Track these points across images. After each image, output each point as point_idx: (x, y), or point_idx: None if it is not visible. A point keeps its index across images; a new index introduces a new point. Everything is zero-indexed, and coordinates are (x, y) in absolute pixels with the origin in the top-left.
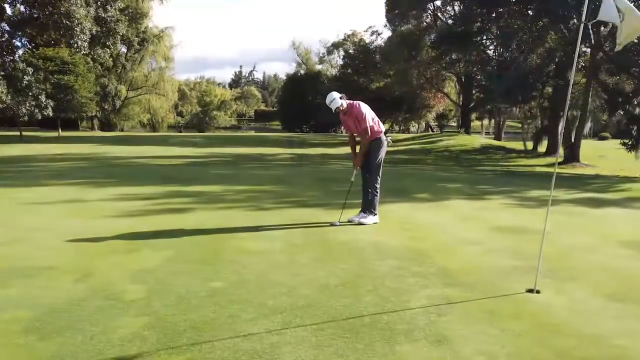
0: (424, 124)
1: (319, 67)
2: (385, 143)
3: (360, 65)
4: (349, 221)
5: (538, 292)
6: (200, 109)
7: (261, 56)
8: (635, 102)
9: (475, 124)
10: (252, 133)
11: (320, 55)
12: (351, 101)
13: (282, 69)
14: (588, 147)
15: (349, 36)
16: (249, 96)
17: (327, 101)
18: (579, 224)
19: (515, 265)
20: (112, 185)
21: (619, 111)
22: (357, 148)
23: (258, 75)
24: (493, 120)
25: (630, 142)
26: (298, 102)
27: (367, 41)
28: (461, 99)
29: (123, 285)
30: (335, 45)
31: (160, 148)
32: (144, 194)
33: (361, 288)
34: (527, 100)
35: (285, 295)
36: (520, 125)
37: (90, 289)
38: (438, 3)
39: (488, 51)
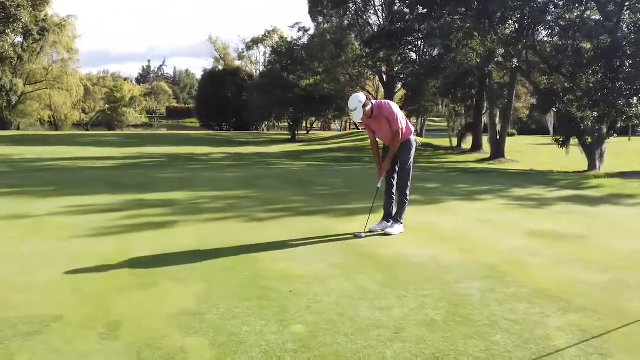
0: (346, 122)
1: (238, 63)
2: (415, 144)
3: (288, 61)
4: (370, 231)
5: None
6: (108, 105)
7: (171, 51)
8: (566, 101)
9: None
10: (166, 131)
11: (240, 51)
12: (378, 101)
13: (195, 64)
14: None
15: (269, 32)
16: (160, 92)
17: (352, 105)
18: (605, 225)
19: (605, 279)
20: (51, 194)
21: (552, 109)
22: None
23: (168, 71)
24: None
25: (561, 139)
26: (217, 99)
27: (294, 37)
28: (385, 97)
29: (173, 339)
30: (255, 41)
31: (76, 148)
32: (101, 205)
33: (476, 323)
34: (466, 99)
35: (399, 340)
36: (440, 122)
37: (132, 348)
38: (359, 1)
39: (423, 50)
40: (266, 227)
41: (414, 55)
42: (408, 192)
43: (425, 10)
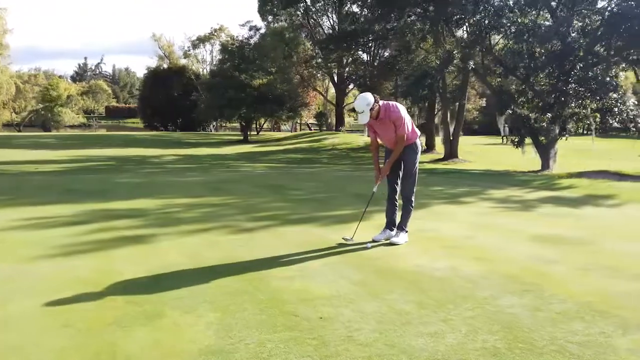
0: (296, 123)
1: (184, 61)
2: (420, 148)
3: (240, 60)
4: (373, 241)
5: None
6: (41, 105)
7: (108, 47)
8: (520, 103)
9: (355, 122)
10: (105, 132)
11: (185, 49)
12: (385, 102)
13: (136, 62)
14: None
15: (216, 30)
16: (98, 91)
17: (360, 108)
18: (604, 228)
19: (636, 287)
20: (0, 205)
21: (508, 110)
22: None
23: (107, 69)
24: None
25: (517, 139)
26: (162, 98)
27: (245, 36)
28: (335, 98)
29: None
30: (202, 40)
31: (13, 151)
32: (63, 217)
33: (542, 349)
34: (426, 100)
35: None
36: None
37: None
38: (309, 2)
39: (374, 51)
40: (258, 239)
41: (365, 56)
42: (413, 199)
43: (382, 11)
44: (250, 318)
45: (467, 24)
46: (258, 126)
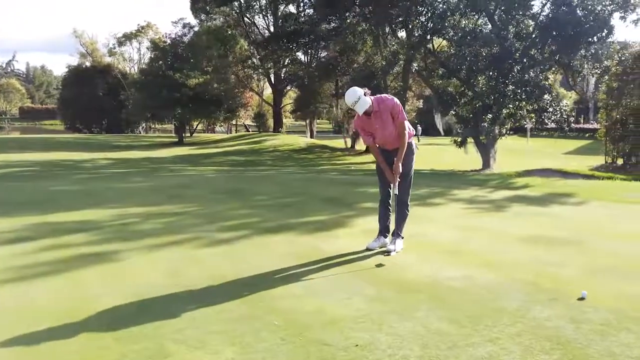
0: (231, 124)
1: (109, 59)
2: (416, 149)
3: (173, 59)
4: (367, 249)
5: None
6: None
7: (21, 44)
8: (462, 103)
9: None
10: (19, 134)
11: (110, 46)
12: (376, 96)
13: (53, 60)
14: None
15: (143, 28)
16: (10, 90)
17: (350, 101)
18: (583, 227)
19: None
20: None
21: (451, 111)
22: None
23: (19, 67)
24: (309, 120)
25: (459, 140)
26: (85, 98)
27: (178, 34)
28: (273, 99)
29: None
30: (128, 37)
31: None
32: (1, 233)
33: None
34: None
35: None
36: (325, 124)
37: None
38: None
39: (313, 52)
40: (240, 251)
41: (303, 57)
42: (409, 203)
43: (324, 11)
44: (275, 350)
45: (411, 26)
46: (191, 128)
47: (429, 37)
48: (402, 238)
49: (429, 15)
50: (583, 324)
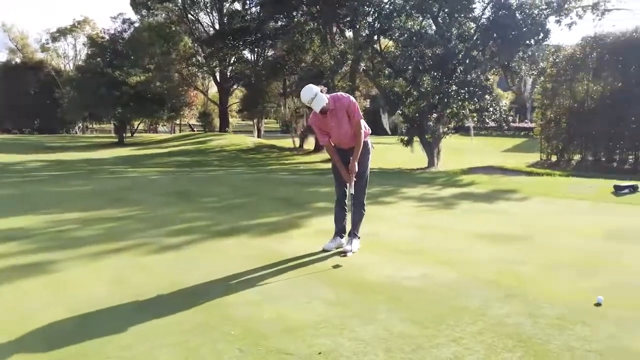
0: (175, 124)
1: (41, 55)
2: (372, 148)
3: (113, 55)
4: (324, 250)
5: None
6: None
7: None
8: (408, 103)
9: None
10: None
11: (43, 42)
12: (332, 94)
13: None
14: None
15: (79, 22)
16: None
17: (307, 98)
18: (531, 223)
19: (604, 283)
20: None
21: (398, 111)
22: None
23: None
24: (256, 120)
25: (406, 139)
26: (15, 96)
27: (118, 29)
28: (219, 98)
29: None
30: (62, 32)
31: None
32: None
33: None
34: None
35: None
36: (272, 123)
37: None
38: None
39: (259, 50)
40: (190, 257)
41: (249, 55)
42: (365, 202)
43: (271, 9)
44: None
45: (358, 26)
46: (132, 128)
47: (376, 37)
48: (359, 238)
49: (376, 15)
50: (541, 319)
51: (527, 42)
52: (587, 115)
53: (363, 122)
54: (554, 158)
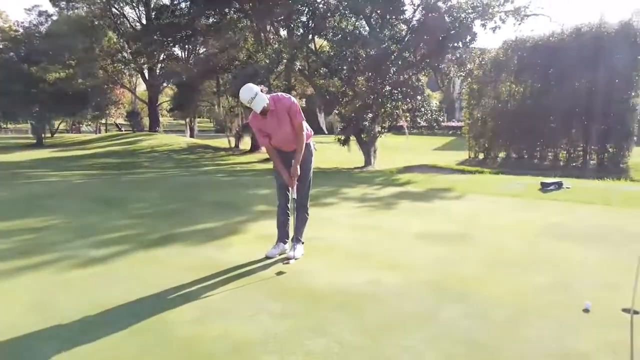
0: (100, 123)
1: None
2: (314, 150)
3: (28, 50)
4: (266, 257)
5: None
6: None
7: None
8: (344, 103)
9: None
10: None
11: None
12: (273, 94)
13: None
14: None
15: None
16: None
17: (246, 98)
18: (469, 221)
19: (548, 281)
20: None
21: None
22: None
23: None
24: (189, 119)
25: (342, 138)
26: None
27: (33, 22)
28: (148, 96)
29: None
30: None
31: None
32: None
33: None
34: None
35: None
36: (204, 123)
37: None
38: None
39: (191, 48)
40: (122, 270)
41: (180, 52)
42: (309, 206)
43: (202, 5)
44: None
45: (292, 25)
46: (52, 127)
47: (310, 36)
48: (303, 243)
49: (310, 15)
50: (490, 322)
51: (456, 44)
52: (510, 114)
53: (305, 124)
54: (481, 156)
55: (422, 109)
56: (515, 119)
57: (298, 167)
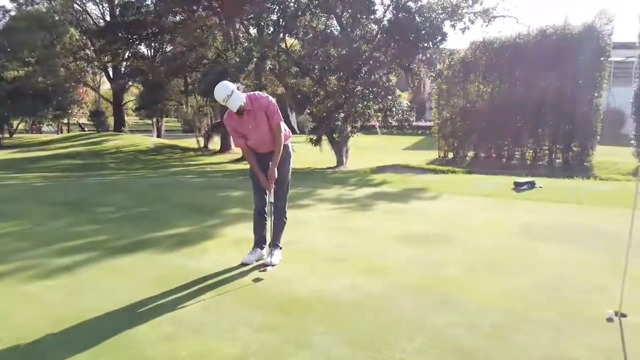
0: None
1: None
2: (292, 152)
3: None
4: (243, 264)
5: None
6: None
7: None
8: (315, 102)
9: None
10: None
11: None
12: (249, 93)
13: None
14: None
15: None
16: None
17: (221, 96)
18: (447, 221)
19: (525, 283)
20: None
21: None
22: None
23: None
24: (156, 119)
25: (314, 138)
26: None
27: None
28: (113, 95)
29: None
30: None
31: None
32: None
33: None
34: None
35: None
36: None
37: None
38: None
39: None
40: (89, 281)
41: (146, 51)
42: (287, 210)
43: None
44: None
45: (263, 24)
46: (10, 128)
47: (281, 35)
48: (281, 248)
49: (281, 13)
50: (478, 328)
51: (426, 44)
52: (478, 114)
53: (283, 125)
54: (450, 155)
55: (394, 109)
56: (483, 118)
57: (275, 169)
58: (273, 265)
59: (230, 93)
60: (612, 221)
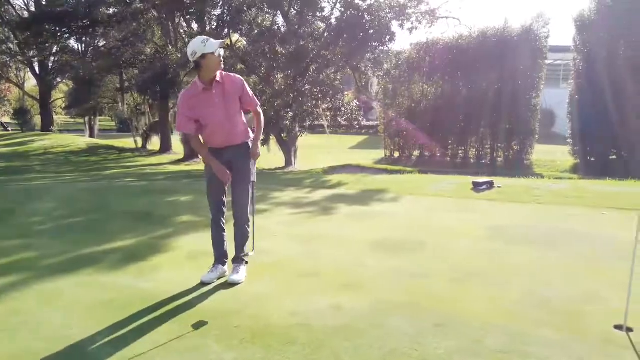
0: None
1: None
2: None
3: None
4: (203, 283)
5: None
6: None
7: None
8: (263, 101)
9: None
10: None
11: None
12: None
13: None
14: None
15: None
16: None
17: (196, 44)
18: (417, 225)
19: (516, 296)
20: None
21: None
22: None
23: None
24: (88, 118)
25: (262, 138)
26: None
27: None
28: (40, 92)
29: None
30: None
31: None
32: None
33: None
34: (168, 96)
35: None
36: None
37: None
38: None
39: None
40: (16, 310)
41: (76, 45)
42: (251, 218)
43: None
44: None
45: (206, 18)
46: None
47: (226, 31)
48: (246, 263)
49: (225, 8)
50: (487, 356)
51: (375, 43)
52: (423, 114)
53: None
54: (396, 154)
55: (343, 109)
56: (427, 118)
57: (259, 144)
58: (239, 284)
59: (206, 39)
60: (577, 222)
